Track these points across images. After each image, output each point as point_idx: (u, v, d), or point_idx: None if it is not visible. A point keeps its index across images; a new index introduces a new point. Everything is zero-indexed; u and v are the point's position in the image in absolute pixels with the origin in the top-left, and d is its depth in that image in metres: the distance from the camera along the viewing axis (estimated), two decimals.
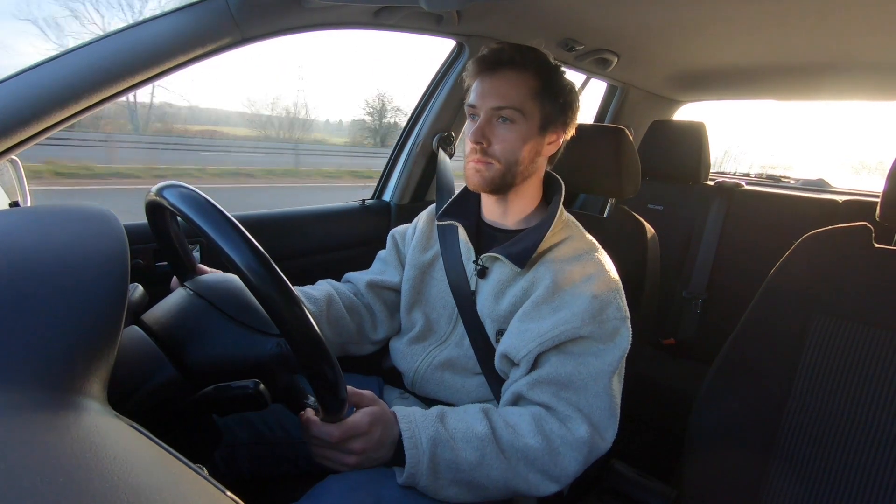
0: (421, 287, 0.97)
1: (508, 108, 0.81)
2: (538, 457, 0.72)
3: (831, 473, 0.83)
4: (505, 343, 0.81)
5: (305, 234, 1.29)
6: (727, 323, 1.08)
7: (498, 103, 0.81)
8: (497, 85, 0.81)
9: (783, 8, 1.01)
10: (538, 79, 0.82)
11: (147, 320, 0.65)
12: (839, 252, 0.92)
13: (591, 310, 0.76)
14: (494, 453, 0.70)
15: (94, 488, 0.30)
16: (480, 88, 0.83)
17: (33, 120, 0.72)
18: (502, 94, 0.81)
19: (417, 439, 0.68)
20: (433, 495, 0.69)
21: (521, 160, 0.83)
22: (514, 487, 0.72)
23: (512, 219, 0.90)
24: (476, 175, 0.84)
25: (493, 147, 0.82)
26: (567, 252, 0.83)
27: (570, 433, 0.74)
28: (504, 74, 0.82)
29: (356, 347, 1.00)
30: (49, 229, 0.49)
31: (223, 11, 0.84)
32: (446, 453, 0.69)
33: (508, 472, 0.71)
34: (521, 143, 0.82)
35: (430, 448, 0.68)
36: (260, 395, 0.54)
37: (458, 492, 0.70)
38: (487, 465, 0.70)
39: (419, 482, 0.68)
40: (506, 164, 0.82)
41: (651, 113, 2.13)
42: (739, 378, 0.93)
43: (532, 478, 0.72)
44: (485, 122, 0.82)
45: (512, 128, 0.81)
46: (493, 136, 0.82)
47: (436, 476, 0.68)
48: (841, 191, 2.18)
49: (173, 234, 0.70)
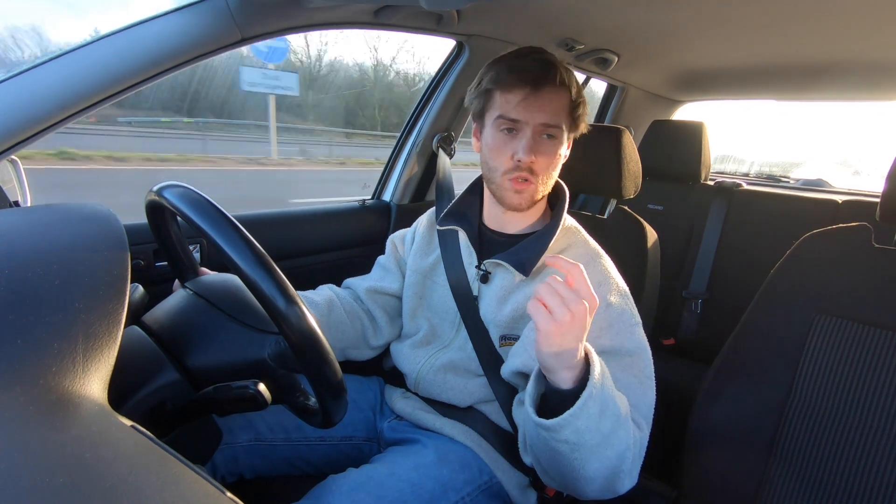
0: (423, 292, 0.96)
1: (555, 127, 0.80)
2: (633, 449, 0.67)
3: (831, 473, 0.83)
4: (521, 357, 0.79)
5: (305, 234, 1.28)
6: (727, 323, 1.08)
7: (547, 120, 0.79)
8: (544, 102, 0.78)
9: (783, 8, 1.01)
10: (572, 96, 0.81)
11: (147, 321, 0.65)
12: (839, 252, 0.92)
13: (608, 318, 0.75)
14: (627, 423, 0.66)
15: (94, 489, 0.30)
16: (526, 103, 0.78)
17: (33, 119, 0.72)
18: (552, 112, 0.79)
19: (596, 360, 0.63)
20: (573, 423, 0.60)
21: (554, 174, 0.83)
22: (611, 467, 0.65)
23: (515, 225, 0.89)
24: (518, 196, 0.82)
25: (537, 165, 0.80)
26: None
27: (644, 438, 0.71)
28: (552, 92, 0.79)
29: (357, 352, 1.00)
30: (49, 229, 0.49)
31: (223, 11, 0.84)
32: (610, 389, 0.63)
33: (621, 446, 0.64)
34: (559, 159, 0.83)
35: (602, 376, 0.62)
36: (260, 395, 0.54)
37: (596, 436, 0.62)
38: (623, 428, 0.65)
39: (594, 387, 0.60)
40: (545, 179, 0.82)
41: (651, 113, 2.13)
42: (739, 378, 0.93)
43: (625, 467, 0.66)
44: (533, 140, 0.80)
45: (554, 144, 0.81)
46: (538, 153, 0.80)
47: (600, 404, 0.61)
48: (841, 191, 2.19)
49: (173, 234, 0.70)
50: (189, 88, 9.69)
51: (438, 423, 0.88)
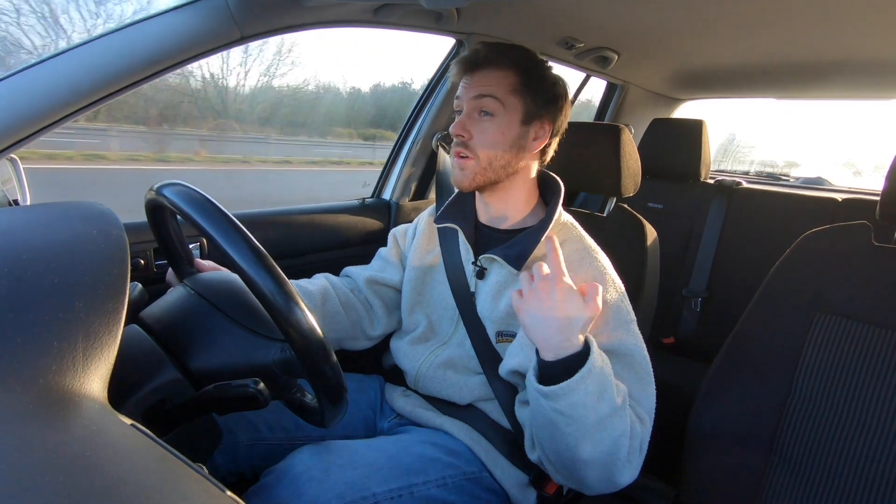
0: (422, 288, 0.96)
1: (489, 97, 0.81)
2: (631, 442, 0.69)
3: (831, 472, 0.84)
4: (518, 357, 0.79)
5: (305, 232, 1.28)
6: (727, 321, 1.08)
7: (480, 92, 0.81)
8: (479, 78, 0.82)
9: (783, 6, 1.01)
10: (519, 74, 0.82)
11: (147, 318, 0.64)
12: (839, 250, 0.92)
13: (604, 316, 0.75)
14: (624, 413, 0.68)
15: (94, 488, 0.30)
16: (466, 83, 0.84)
17: (33, 118, 0.72)
18: (485, 86, 0.82)
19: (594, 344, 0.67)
20: (570, 395, 0.64)
21: (502, 154, 0.83)
22: (606, 453, 0.67)
23: (508, 220, 0.90)
24: (457, 171, 0.85)
25: (473, 141, 0.82)
26: (566, 255, 0.81)
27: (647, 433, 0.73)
28: (483, 72, 0.82)
29: (352, 342, 1.01)
30: (49, 228, 0.49)
31: (222, 10, 0.84)
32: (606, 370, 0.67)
33: (615, 432, 0.67)
34: (500, 136, 0.82)
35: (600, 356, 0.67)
36: (260, 393, 0.54)
37: (592, 413, 0.65)
38: (619, 417, 0.67)
39: (593, 366, 0.64)
40: (486, 158, 0.82)
41: (651, 111, 2.13)
42: (739, 377, 0.93)
43: (622, 456, 0.68)
44: (465, 116, 0.83)
45: (493, 121, 0.82)
46: (473, 128, 0.82)
47: (597, 379, 0.65)
48: (840, 189, 2.18)
49: (173, 232, 0.70)
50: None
51: (439, 421, 0.88)
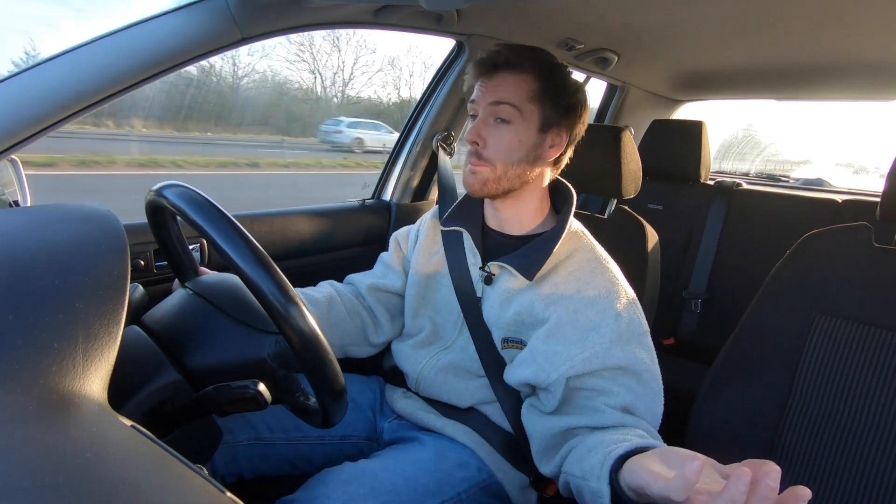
0: (426, 292, 0.95)
1: (506, 105, 0.79)
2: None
3: (832, 473, 0.83)
4: (530, 369, 0.78)
5: (305, 233, 1.28)
6: (727, 323, 1.08)
7: (497, 98, 0.79)
8: (496, 83, 0.80)
9: (784, 8, 1.01)
10: (538, 80, 0.80)
11: (147, 321, 0.65)
12: (839, 251, 0.91)
13: (617, 330, 0.75)
14: None
15: (94, 488, 0.30)
16: (482, 86, 0.81)
17: (33, 119, 0.72)
18: (502, 92, 0.79)
19: None
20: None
21: (517, 163, 0.80)
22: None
23: (518, 227, 0.88)
24: (471, 177, 0.82)
25: (488, 149, 0.80)
26: (578, 265, 0.81)
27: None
28: (502, 76, 0.80)
29: (357, 349, 1.00)
30: (49, 229, 0.49)
31: (222, 11, 0.84)
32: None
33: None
34: (517, 145, 0.80)
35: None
36: (260, 395, 0.54)
37: None
38: None
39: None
40: (502, 167, 0.80)
41: (651, 112, 2.13)
42: (740, 378, 0.93)
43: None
44: (481, 122, 0.81)
45: (509, 129, 0.80)
46: (489, 136, 0.80)
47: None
48: (841, 190, 2.19)
49: (173, 234, 0.70)
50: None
51: (439, 424, 0.88)
